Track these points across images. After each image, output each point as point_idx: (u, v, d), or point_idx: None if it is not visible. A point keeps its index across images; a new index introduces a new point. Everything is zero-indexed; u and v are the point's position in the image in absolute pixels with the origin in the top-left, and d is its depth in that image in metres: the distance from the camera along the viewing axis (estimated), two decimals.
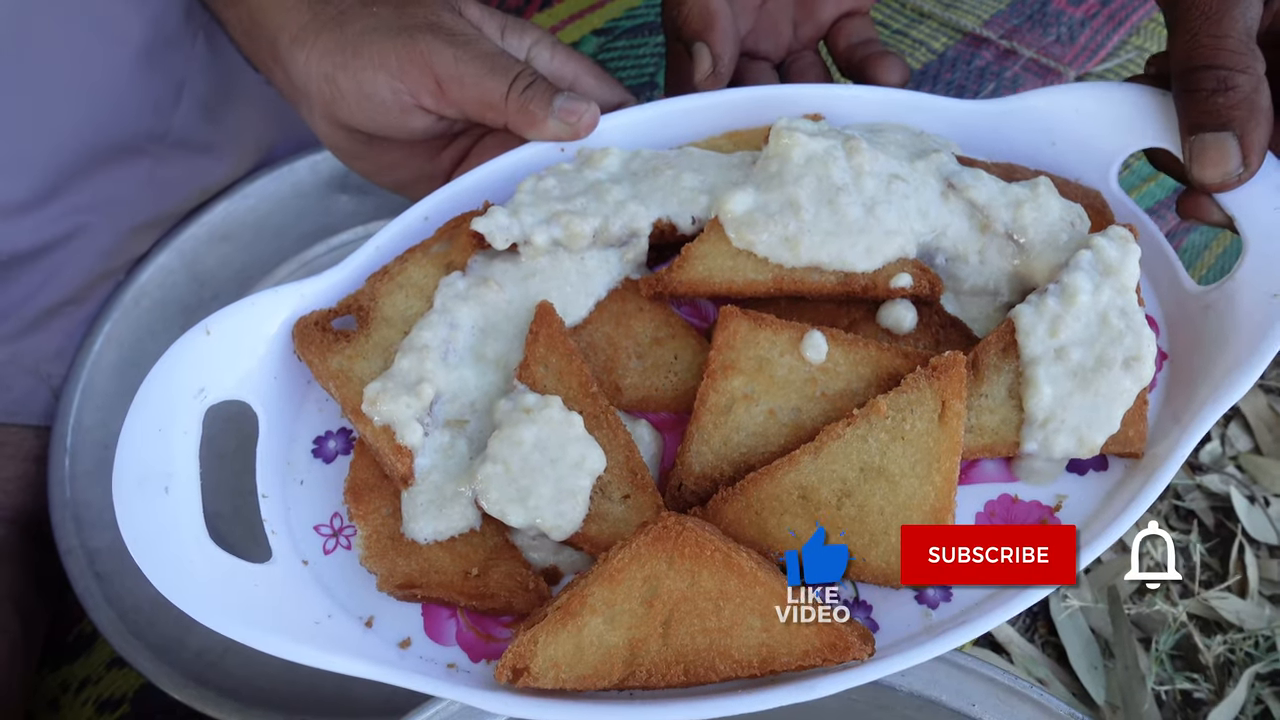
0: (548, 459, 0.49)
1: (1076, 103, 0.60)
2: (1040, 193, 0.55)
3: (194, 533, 0.48)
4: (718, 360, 0.51)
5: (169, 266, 0.87)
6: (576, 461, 0.49)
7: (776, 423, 0.51)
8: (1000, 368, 0.51)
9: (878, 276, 0.53)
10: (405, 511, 0.50)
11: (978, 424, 0.50)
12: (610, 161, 0.58)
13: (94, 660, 0.80)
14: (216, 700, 0.69)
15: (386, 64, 0.60)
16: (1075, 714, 0.49)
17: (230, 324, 0.52)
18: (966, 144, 0.60)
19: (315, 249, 0.93)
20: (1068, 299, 0.50)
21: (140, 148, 0.81)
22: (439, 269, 0.56)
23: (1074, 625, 0.75)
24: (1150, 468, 0.50)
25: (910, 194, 0.54)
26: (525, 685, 0.44)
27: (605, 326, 0.56)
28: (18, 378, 0.81)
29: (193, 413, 0.50)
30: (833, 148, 0.55)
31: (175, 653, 0.72)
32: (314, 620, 0.48)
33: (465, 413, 0.52)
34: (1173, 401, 0.53)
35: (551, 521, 0.48)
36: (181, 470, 0.49)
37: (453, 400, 0.52)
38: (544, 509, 0.48)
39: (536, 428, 0.49)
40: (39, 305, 0.81)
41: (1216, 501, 0.80)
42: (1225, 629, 0.75)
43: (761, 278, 0.54)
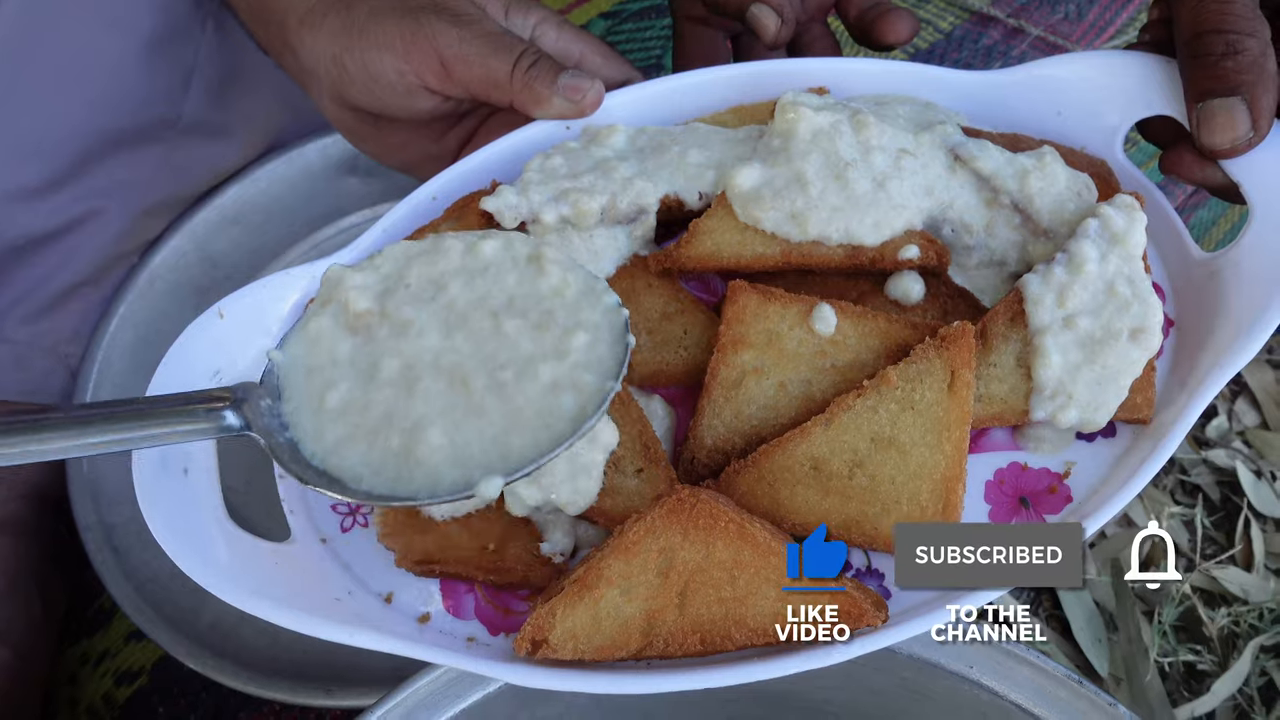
0: None
1: (1081, 72, 0.60)
2: (1046, 162, 0.55)
3: (214, 513, 0.48)
4: (727, 334, 0.52)
5: (182, 249, 0.88)
6: (590, 437, 0.49)
7: (787, 395, 0.51)
8: (1008, 337, 0.51)
9: (885, 249, 0.54)
10: None
11: (987, 393, 0.51)
12: (617, 139, 0.58)
13: (113, 634, 0.82)
14: (233, 670, 0.71)
15: (392, 45, 0.60)
16: (1072, 675, 0.49)
17: (243, 306, 0.53)
18: (973, 116, 0.60)
19: (325, 231, 0.93)
20: (1075, 268, 0.51)
21: (152, 133, 0.82)
22: None
23: (1078, 598, 0.75)
24: (1157, 434, 0.51)
25: (919, 169, 0.54)
26: (544, 657, 0.45)
27: None
28: (36, 358, 0.83)
29: None
30: (839, 122, 0.55)
31: (191, 624, 0.73)
32: (334, 597, 0.49)
33: None
34: (1180, 368, 0.53)
35: (567, 497, 0.49)
36: (199, 452, 0.50)
37: None
38: (559, 485, 0.49)
39: None
40: (56, 287, 0.83)
41: (1222, 476, 0.81)
42: (1229, 601, 0.75)
43: (769, 252, 0.54)
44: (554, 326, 0.48)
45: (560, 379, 0.46)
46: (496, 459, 0.45)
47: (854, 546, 0.49)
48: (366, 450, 0.46)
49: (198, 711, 0.78)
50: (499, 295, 0.49)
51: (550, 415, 0.46)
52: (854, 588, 0.46)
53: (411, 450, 0.45)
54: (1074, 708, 0.49)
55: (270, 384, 0.47)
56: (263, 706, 0.76)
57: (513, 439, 0.45)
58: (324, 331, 0.49)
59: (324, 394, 0.47)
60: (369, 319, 0.49)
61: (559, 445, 0.45)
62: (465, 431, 0.45)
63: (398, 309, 0.49)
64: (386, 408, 0.46)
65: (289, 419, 0.47)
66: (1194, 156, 0.55)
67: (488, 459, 0.45)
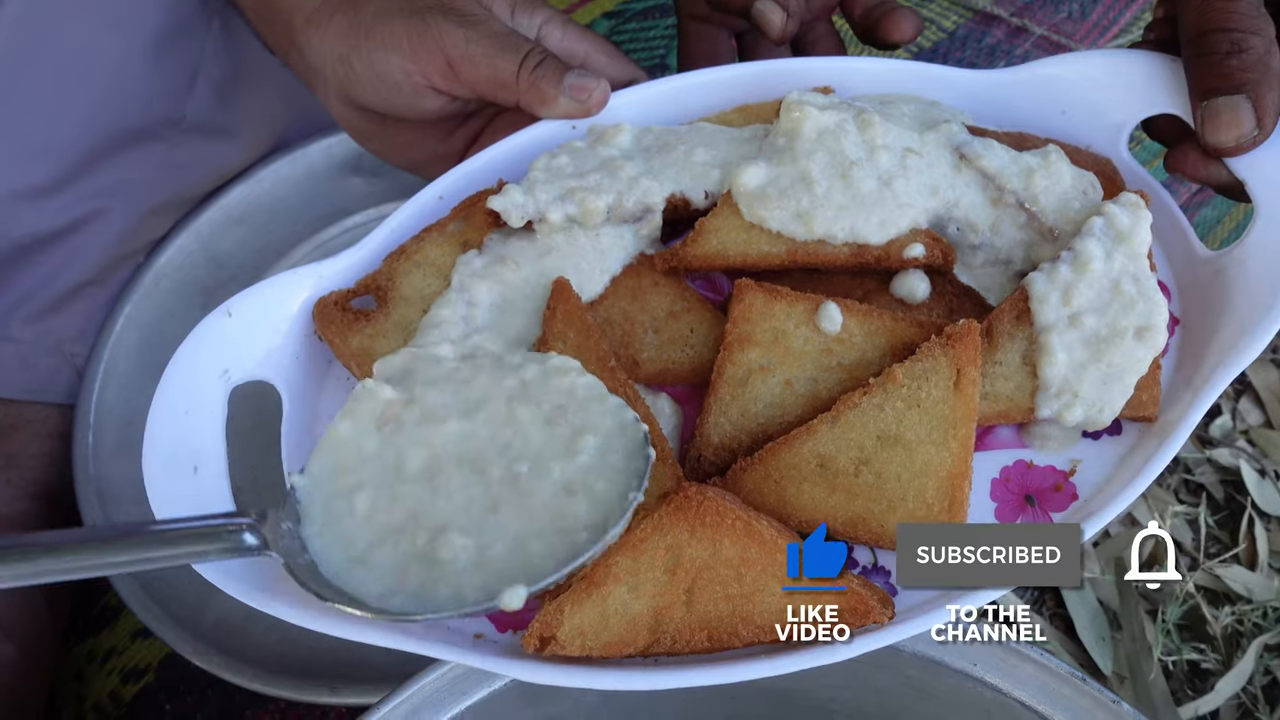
0: None
1: (1086, 71, 0.60)
2: (1052, 160, 0.55)
3: (223, 510, 0.48)
4: (734, 333, 0.52)
5: (187, 249, 0.88)
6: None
7: (793, 393, 0.51)
8: (1014, 335, 0.51)
9: (891, 247, 0.54)
10: None
11: (992, 391, 0.51)
12: (623, 138, 0.58)
13: (119, 631, 0.82)
14: (238, 667, 0.71)
15: (399, 46, 0.60)
16: (1076, 673, 0.50)
17: (251, 305, 0.53)
18: (977, 115, 0.61)
19: (329, 231, 0.94)
20: (1080, 266, 0.51)
21: (157, 133, 0.82)
22: (455, 248, 0.56)
23: (1081, 597, 0.75)
24: (1163, 433, 0.51)
25: (924, 168, 0.55)
26: (552, 653, 0.45)
27: (621, 302, 0.56)
28: (41, 357, 0.83)
29: (217, 394, 0.51)
30: (844, 121, 0.55)
31: (196, 621, 0.74)
32: None
33: None
34: (1185, 366, 0.54)
35: None
36: (209, 450, 0.50)
37: None
38: None
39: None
40: (61, 286, 0.83)
41: (1226, 475, 0.81)
42: (1233, 600, 0.75)
43: (775, 250, 0.54)
44: (564, 423, 0.48)
45: (572, 481, 0.46)
46: (517, 567, 0.45)
47: (860, 544, 0.49)
48: (392, 553, 0.45)
49: (204, 709, 0.78)
50: (513, 379, 0.49)
51: (566, 521, 0.45)
52: (860, 584, 0.46)
53: (435, 552, 0.45)
54: (1078, 705, 0.49)
55: (291, 508, 0.47)
56: (268, 704, 0.76)
57: (533, 544, 0.45)
58: (352, 433, 0.49)
59: (352, 497, 0.47)
60: (397, 409, 0.49)
61: (578, 557, 0.44)
62: (487, 532, 0.45)
63: (424, 393, 0.49)
64: (412, 505, 0.46)
65: (311, 541, 0.46)
66: (1199, 154, 0.55)
67: (509, 567, 0.45)
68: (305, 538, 0.46)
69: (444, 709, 0.51)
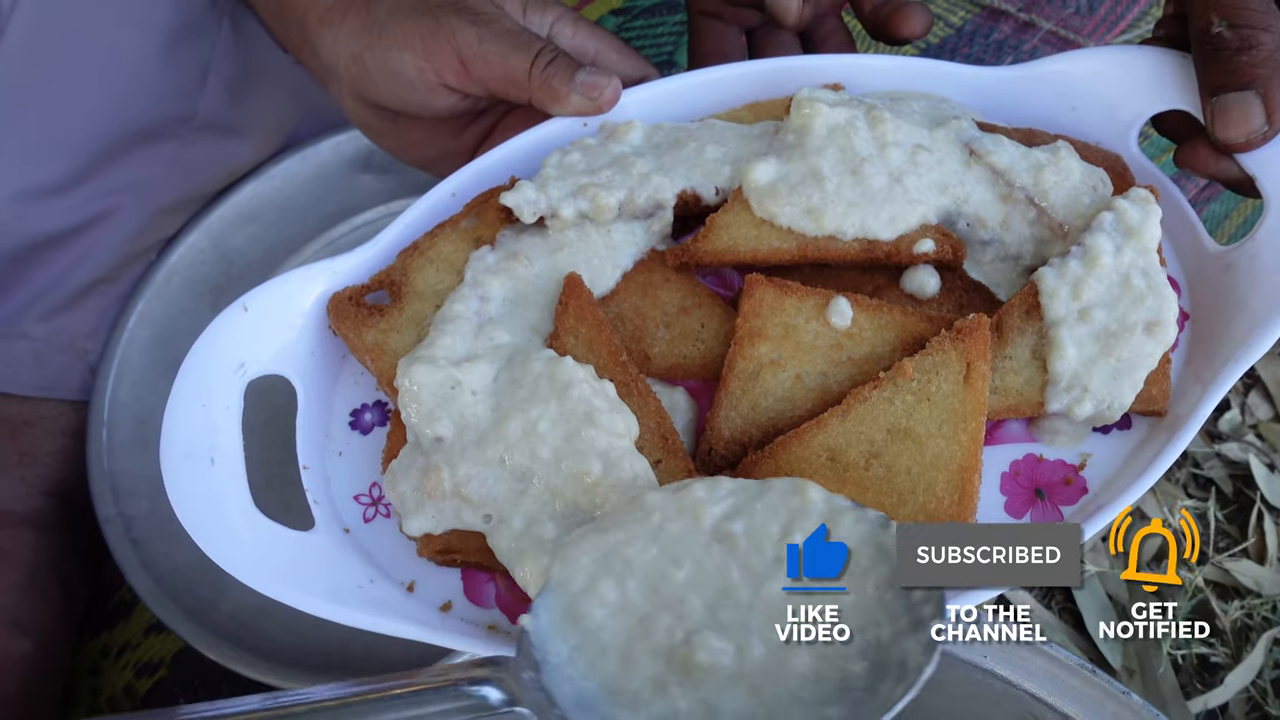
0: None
1: (1096, 67, 0.60)
2: (1061, 156, 0.55)
3: (240, 502, 0.49)
4: (744, 328, 0.52)
5: (198, 246, 0.89)
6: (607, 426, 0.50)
7: (803, 387, 0.52)
8: (1024, 330, 0.52)
9: (901, 243, 0.54)
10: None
11: (1002, 385, 0.51)
12: (634, 135, 0.59)
13: (133, 626, 0.83)
14: (251, 660, 0.72)
15: (411, 44, 0.60)
16: (1085, 665, 0.50)
17: (266, 301, 0.53)
18: (987, 111, 0.61)
19: (339, 228, 0.94)
20: (1090, 261, 0.51)
21: (168, 131, 0.83)
22: (468, 243, 0.57)
23: (1090, 591, 0.76)
24: (1173, 427, 0.51)
25: (934, 165, 0.55)
26: None
27: (633, 297, 0.56)
28: (55, 355, 0.84)
29: (234, 387, 0.52)
30: (854, 118, 0.55)
31: (209, 615, 0.74)
32: (357, 585, 0.49)
33: None
34: (1195, 361, 0.54)
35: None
36: (225, 443, 0.50)
37: None
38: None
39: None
40: (73, 284, 0.83)
41: (1235, 470, 0.81)
42: (1242, 594, 0.76)
43: (785, 246, 0.54)
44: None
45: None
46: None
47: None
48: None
49: None
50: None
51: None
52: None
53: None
54: (1087, 696, 0.50)
55: (527, 654, 0.42)
56: None
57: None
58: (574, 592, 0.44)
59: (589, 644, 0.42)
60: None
61: None
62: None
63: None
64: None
65: (553, 686, 0.42)
66: (1209, 150, 0.55)
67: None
68: (546, 685, 0.41)
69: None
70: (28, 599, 0.76)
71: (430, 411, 0.50)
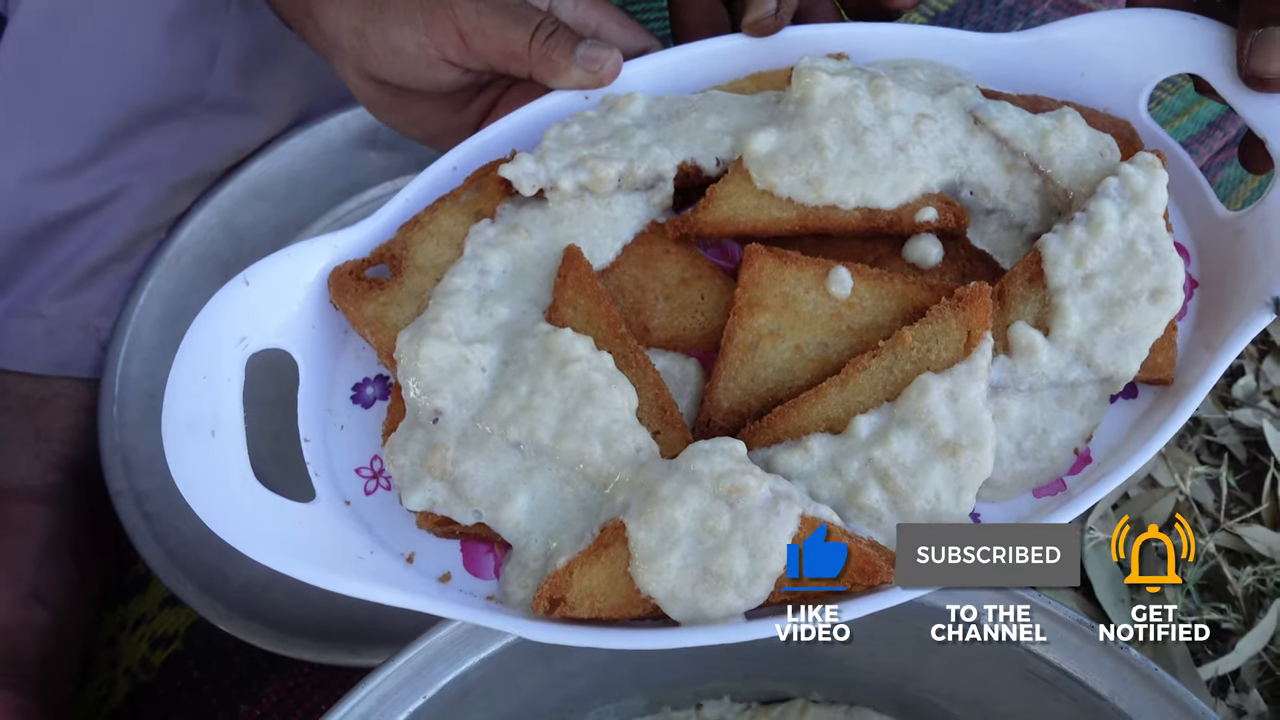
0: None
1: (1104, 32, 0.59)
2: (1067, 122, 0.54)
3: (241, 474, 0.49)
4: (744, 298, 0.52)
5: (208, 224, 0.89)
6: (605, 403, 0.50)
7: (803, 358, 0.51)
8: (1027, 297, 0.51)
9: (903, 212, 0.53)
10: None
11: None
12: (634, 106, 0.58)
13: (148, 600, 0.85)
14: (260, 630, 0.73)
15: (412, 19, 0.60)
16: (1083, 621, 0.49)
17: (268, 274, 0.54)
18: (994, 79, 0.60)
19: (347, 204, 0.95)
20: (1094, 227, 0.50)
21: (178, 110, 0.84)
22: (468, 217, 0.57)
23: (1100, 558, 0.75)
24: (1179, 395, 0.51)
25: (938, 134, 0.54)
26: (562, 614, 0.46)
27: (633, 269, 0.56)
28: (68, 333, 0.85)
29: (235, 360, 0.52)
30: (856, 87, 0.55)
31: (220, 587, 0.76)
32: (358, 556, 0.50)
33: None
34: (1203, 328, 0.53)
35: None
36: (226, 415, 0.51)
37: None
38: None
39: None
40: (86, 263, 0.84)
41: (1249, 435, 0.80)
42: (1255, 560, 0.75)
43: (786, 216, 0.54)
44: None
45: None
46: None
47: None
48: None
49: (230, 674, 0.80)
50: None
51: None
52: (869, 544, 0.46)
53: None
54: (1085, 652, 0.50)
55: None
56: (292, 668, 0.78)
57: None
58: None
59: None
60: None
61: None
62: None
63: None
64: None
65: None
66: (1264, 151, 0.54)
67: None
68: None
69: (459, 661, 0.52)
70: (45, 572, 0.77)
71: (430, 384, 0.50)
